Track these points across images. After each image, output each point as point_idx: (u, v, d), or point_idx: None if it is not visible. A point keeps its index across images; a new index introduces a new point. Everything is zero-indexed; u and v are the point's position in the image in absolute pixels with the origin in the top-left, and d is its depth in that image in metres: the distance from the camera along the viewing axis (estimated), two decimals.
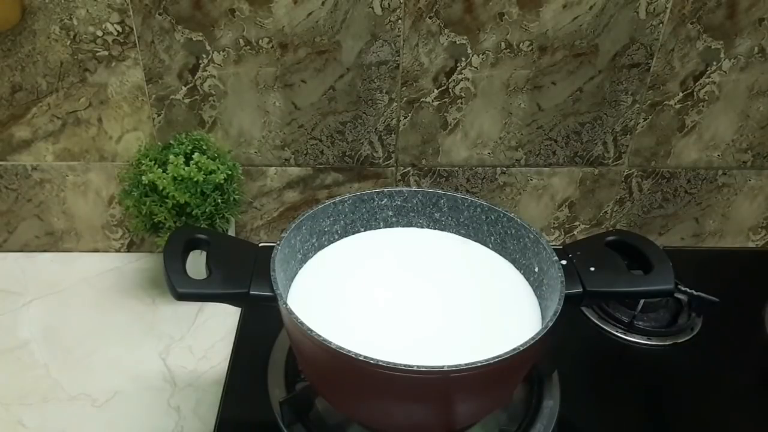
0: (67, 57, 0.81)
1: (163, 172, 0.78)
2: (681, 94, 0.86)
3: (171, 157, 0.78)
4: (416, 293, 0.66)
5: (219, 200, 0.80)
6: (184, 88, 0.83)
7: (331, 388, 0.62)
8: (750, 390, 0.78)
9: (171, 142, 0.82)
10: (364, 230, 0.72)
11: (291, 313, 0.55)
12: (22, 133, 0.86)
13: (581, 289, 0.62)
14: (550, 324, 0.55)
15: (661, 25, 0.80)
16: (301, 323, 0.54)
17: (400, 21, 0.79)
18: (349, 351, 0.52)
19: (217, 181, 0.79)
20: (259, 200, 0.94)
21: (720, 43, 0.82)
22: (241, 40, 0.80)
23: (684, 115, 0.88)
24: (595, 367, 0.80)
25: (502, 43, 0.81)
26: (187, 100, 0.84)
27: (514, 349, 0.52)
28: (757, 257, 1.00)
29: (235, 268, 0.61)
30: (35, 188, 0.91)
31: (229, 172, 0.81)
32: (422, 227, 0.73)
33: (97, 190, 0.91)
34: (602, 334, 0.83)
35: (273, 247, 0.62)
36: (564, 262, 0.63)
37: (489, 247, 0.71)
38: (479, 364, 0.51)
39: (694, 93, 0.86)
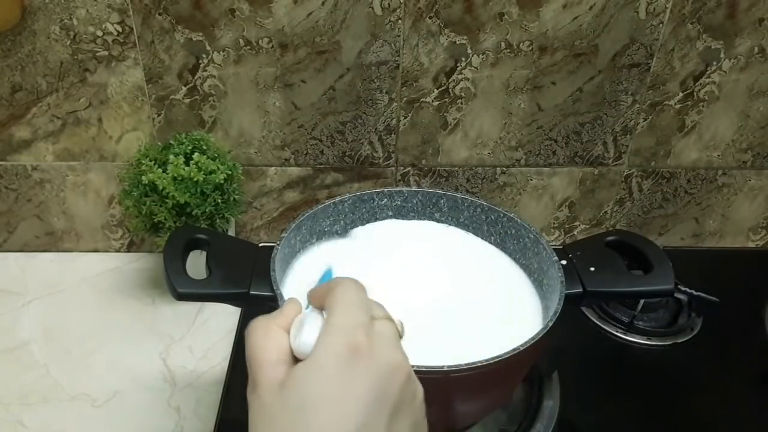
0: (67, 57, 0.81)
1: (163, 172, 0.78)
2: (681, 94, 0.86)
3: (171, 157, 0.78)
4: (416, 291, 0.66)
5: (219, 200, 0.80)
6: (184, 88, 0.83)
7: None
8: (750, 390, 0.78)
9: (171, 142, 0.82)
10: None
11: None
12: (22, 133, 0.86)
13: (581, 289, 0.62)
14: (550, 324, 0.55)
15: (661, 25, 0.80)
16: None
17: (400, 21, 0.79)
18: None
19: (217, 181, 0.79)
20: (259, 200, 0.94)
21: (720, 43, 0.82)
22: (241, 40, 0.80)
23: (684, 115, 0.88)
24: (595, 367, 0.80)
25: (502, 43, 0.81)
26: (187, 100, 0.84)
27: (514, 349, 0.53)
28: (757, 257, 1.00)
29: (235, 268, 0.61)
30: (35, 188, 0.91)
31: (229, 172, 0.81)
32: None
33: (97, 190, 0.91)
34: (602, 334, 0.83)
35: (273, 247, 0.62)
36: (564, 262, 0.63)
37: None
38: (479, 364, 0.51)
39: (694, 93, 0.86)
